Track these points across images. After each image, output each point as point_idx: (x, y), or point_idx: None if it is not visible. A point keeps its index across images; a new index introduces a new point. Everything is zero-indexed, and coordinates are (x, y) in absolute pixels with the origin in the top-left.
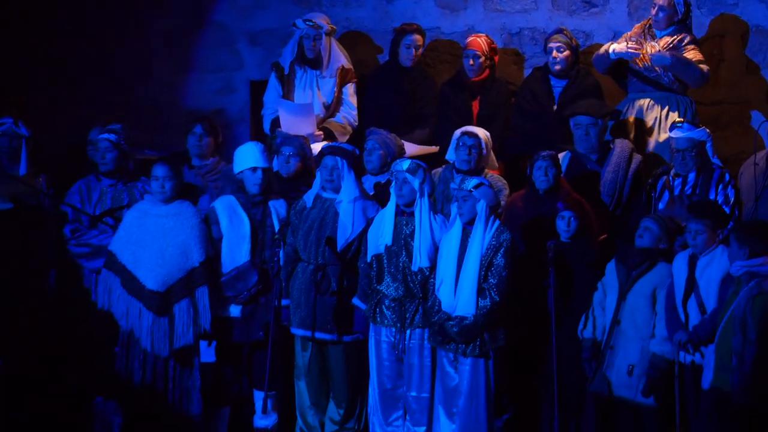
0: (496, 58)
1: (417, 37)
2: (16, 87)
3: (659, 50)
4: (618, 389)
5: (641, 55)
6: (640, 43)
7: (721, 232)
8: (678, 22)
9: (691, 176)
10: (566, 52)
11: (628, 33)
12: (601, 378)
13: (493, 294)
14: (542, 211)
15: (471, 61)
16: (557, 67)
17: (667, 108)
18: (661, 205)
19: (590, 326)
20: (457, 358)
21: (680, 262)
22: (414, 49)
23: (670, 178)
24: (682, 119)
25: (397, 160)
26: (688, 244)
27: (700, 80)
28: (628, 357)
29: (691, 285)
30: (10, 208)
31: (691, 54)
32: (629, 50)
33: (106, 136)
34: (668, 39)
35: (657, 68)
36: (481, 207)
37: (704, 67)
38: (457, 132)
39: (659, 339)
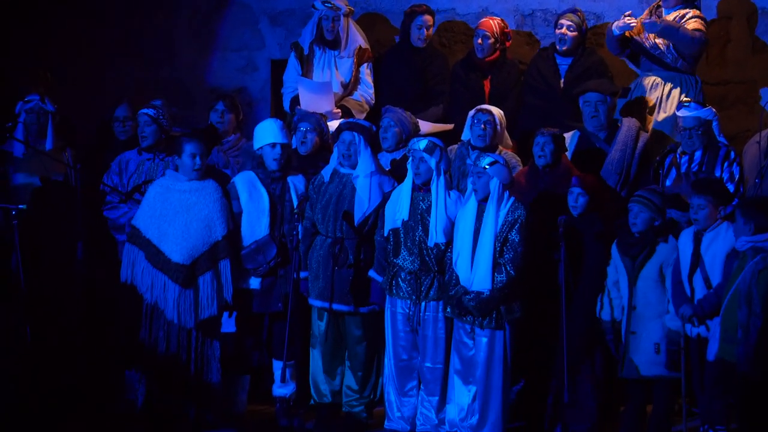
0: (508, 43)
1: (427, 17)
2: (44, 64)
3: (651, 19)
4: (648, 369)
5: (637, 25)
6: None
7: (724, 208)
8: (686, 0)
9: (698, 154)
10: (575, 33)
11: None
12: (629, 364)
13: (509, 269)
14: (541, 186)
15: (480, 40)
16: (564, 46)
17: (669, 86)
18: (668, 182)
19: (607, 307)
20: (474, 329)
21: (685, 238)
22: (425, 29)
23: (677, 156)
24: (689, 99)
25: (414, 139)
26: (692, 219)
27: (690, 44)
28: (651, 337)
29: (697, 260)
30: (37, 182)
31: (691, 24)
32: (625, 25)
33: (145, 110)
34: (673, 14)
35: (660, 45)
36: (494, 184)
37: (696, 33)
38: (472, 110)
39: (672, 314)
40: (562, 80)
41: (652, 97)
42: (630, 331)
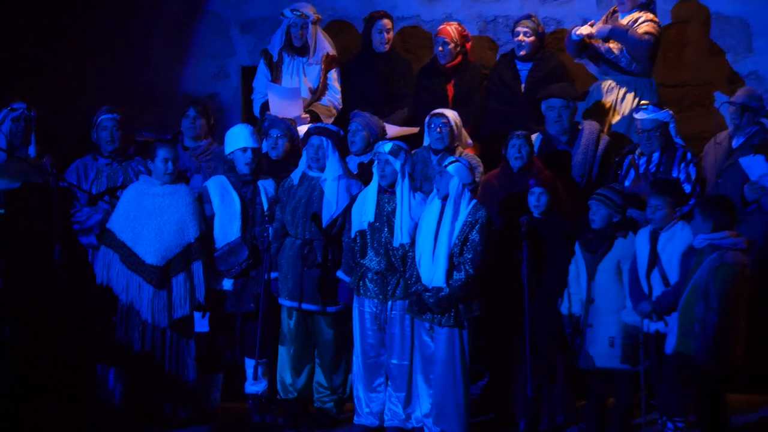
0: (468, 45)
1: (386, 21)
2: (24, 71)
3: (602, 26)
4: (602, 361)
5: (591, 32)
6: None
7: (680, 209)
8: (641, 5)
9: (656, 155)
10: (532, 38)
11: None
12: (585, 355)
13: (468, 268)
14: (516, 188)
15: (440, 48)
16: (522, 51)
17: (624, 89)
18: (627, 183)
19: (566, 302)
20: (433, 327)
21: (643, 237)
22: (385, 33)
23: (636, 157)
24: (647, 101)
25: (380, 142)
26: (648, 219)
27: (638, 47)
28: (607, 330)
29: (654, 258)
30: (18, 186)
31: (643, 27)
32: (577, 33)
33: (112, 115)
34: (627, 18)
35: (614, 50)
36: (454, 183)
37: (645, 36)
38: (428, 115)
39: (629, 309)
40: (522, 84)
41: (609, 100)
42: (587, 323)
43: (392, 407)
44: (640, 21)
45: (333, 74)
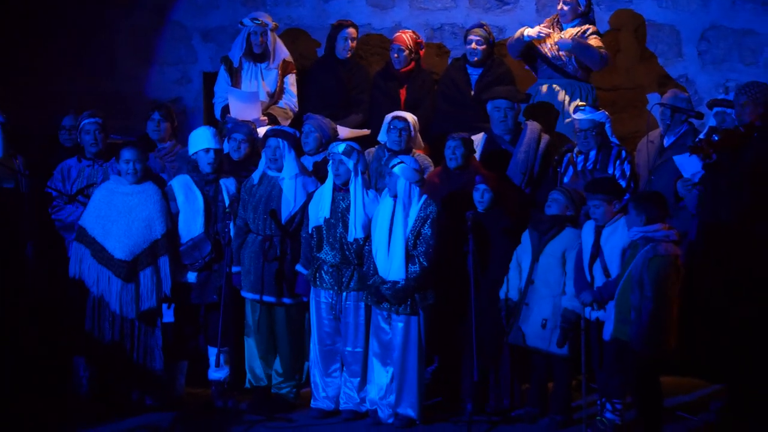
0: (422, 52)
1: (351, 30)
2: None
3: (563, 37)
4: (532, 340)
5: (549, 35)
6: (550, 30)
7: (618, 202)
8: (581, 14)
9: (592, 153)
10: (483, 46)
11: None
12: (516, 330)
13: (422, 260)
14: (454, 186)
15: (396, 54)
16: (475, 58)
17: (564, 92)
18: (566, 180)
19: (504, 287)
20: (391, 316)
21: (588, 230)
22: (350, 41)
23: (574, 155)
24: (584, 103)
25: (334, 143)
26: (590, 216)
27: (599, 62)
28: (541, 312)
29: (597, 251)
30: None
31: (593, 41)
32: (540, 33)
33: (94, 120)
34: (573, 30)
35: (562, 56)
36: (401, 183)
37: (603, 51)
38: (388, 116)
39: (570, 295)
40: (472, 88)
41: (552, 102)
42: (524, 302)
43: (347, 391)
44: (588, 33)
45: (289, 79)
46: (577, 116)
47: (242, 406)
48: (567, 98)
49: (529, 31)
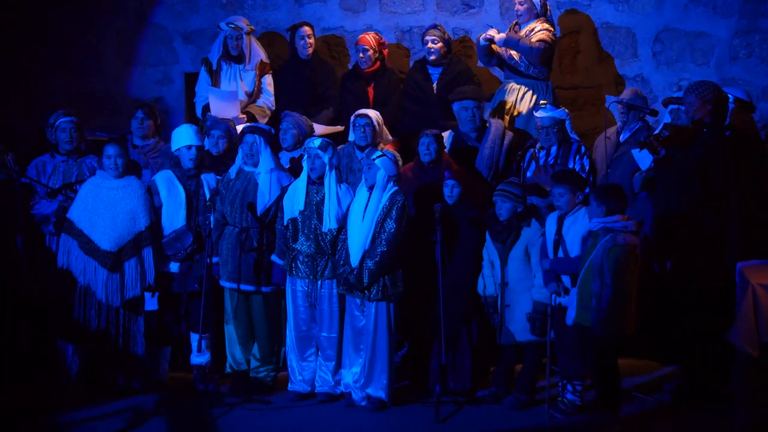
0: (385, 51)
1: (306, 28)
2: None
3: (501, 36)
4: (522, 336)
5: (494, 38)
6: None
7: (581, 193)
8: (537, 16)
9: (554, 149)
10: (439, 44)
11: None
12: (506, 332)
13: (382, 244)
14: (427, 179)
15: (361, 54)
16: (432, 57)
17: (524, 90)
18: (528, 174)
19: (482, 284)
20: (364, 302)
21: (551, 221)
22: (306, 39)
23: (536, 151)
24: (546, 102)
25: (310, 139)
26: (554, 205)
27: (530, 53)
28: (523, 309)
29: (559, 238)
30: None
31: (538, 35)
32: (483, 39)
33: (70, 118)
34: (526, 29)
35: (515, 56)
36: (381, 175)
37: (537, 43)
38: (353, 115)
39: (537, 287)
40: (434, 86)
41: (511, 100)
42: (504, 304)
43: (322, 375)
44: (535, 30)
45: (267, 79)
46: (539, 114)
47: (223, 389)
48: (524, 95)
49: (482, 36)
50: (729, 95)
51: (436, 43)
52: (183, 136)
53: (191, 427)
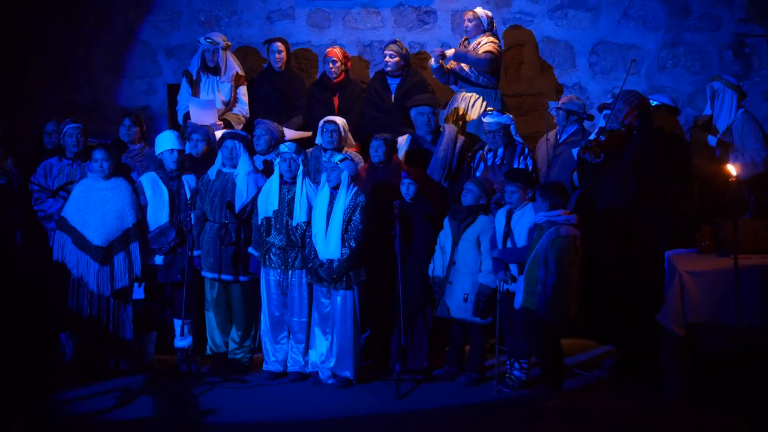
0: (349, 63)
1: (279, 44)
2: None
3: (449, 53)
4: (456, 312)
5: (443, 55)
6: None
7: (530, 190)
8: (484, 31)
9: (500, 151)
10: (396, 58)
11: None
12: (442, 305)
13: (351, 243)
14: (378, 179)
15: (330, 65)
16: (389, 69)
17: (475, 97)
18: (477, 173)
19: (431, 266)
20: (330, 291)
21: (500, 215)
22: (278, 53)
23: (484, 152)
24: (492, 108)
25: (285, 144)
26: (506, 202)
27: (477, 64)
28: (463, 288)
29: (508, 230)
30: None
31: (484, 47)
32: (432, 64)
33: (75, 125)
34: (474, 42)
35: (465, 68)
36: (344, 176)
37: (483, 54)
38: (321, 121)
39: (485, 273)
40: (393, 96)
41: (463, 107)
42: (448, 280)
43: (294, 356)
44: (482, 43)
45: (242, 89)
46: (486, 119)
47: (204, 370)
48: (474, 102)
49: (431, 62)
50: (654, 101)
51: (393, 57)
52: (166, 141)
53: (175, 404)
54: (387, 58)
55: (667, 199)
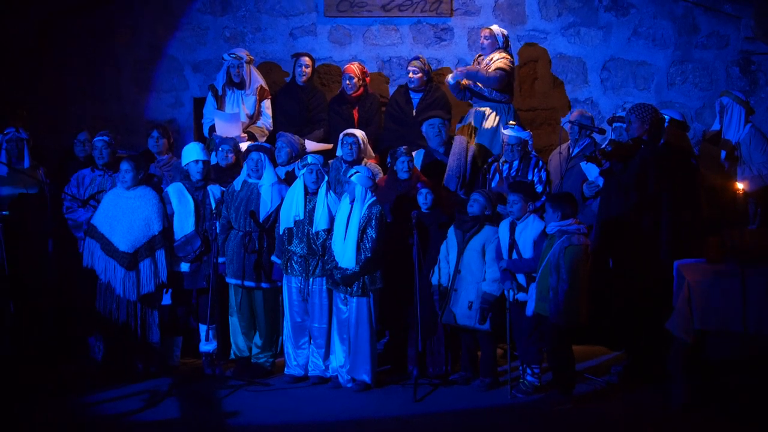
0: (368, 79)
1: (306, 59)
2: (23, 104)
3: (460, 71)
4: (461, 320)
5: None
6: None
7: (533, 203)
8: (499, 49)
9: (516, 163)
10: (419, 74)
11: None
12: (448, 312)
13: (366, 252)
14: (400, 190)
15: (347, 82)
16: (413, 85)
17: (488, 111)
18: (493, 184)
19: (437, 275)
20: (347, 297)
21: (504, 226)
22: (304, 68)
23: (500, 164)
24: (514, 123)
25: (312, 156)
26: (508, 212)
27: (486, 81)
28: (468, 296)
29: (513, 242)
30: (19, 193)
31: (496, 64)
32: (450, 80)
33: (103, 137)
34: (486, 59)
35: (479, 84)
36: (359, 189)
37: (494, 72)
38: (341, 134)
39: (489, 281)
40: (414, 109)
41: (478, 120)
42: (453, 288)
43: (314, 360)
44: (494, 60)
45: (265, 103)
46: (507, 132)
47: (227, 373)
48: (491, 117)
49: (448, 78)
50: (666, 116)
51: (416, 73)
52: (192, 153)
53: (200, 406)
54: (410, 74)
55: (667, 209)
